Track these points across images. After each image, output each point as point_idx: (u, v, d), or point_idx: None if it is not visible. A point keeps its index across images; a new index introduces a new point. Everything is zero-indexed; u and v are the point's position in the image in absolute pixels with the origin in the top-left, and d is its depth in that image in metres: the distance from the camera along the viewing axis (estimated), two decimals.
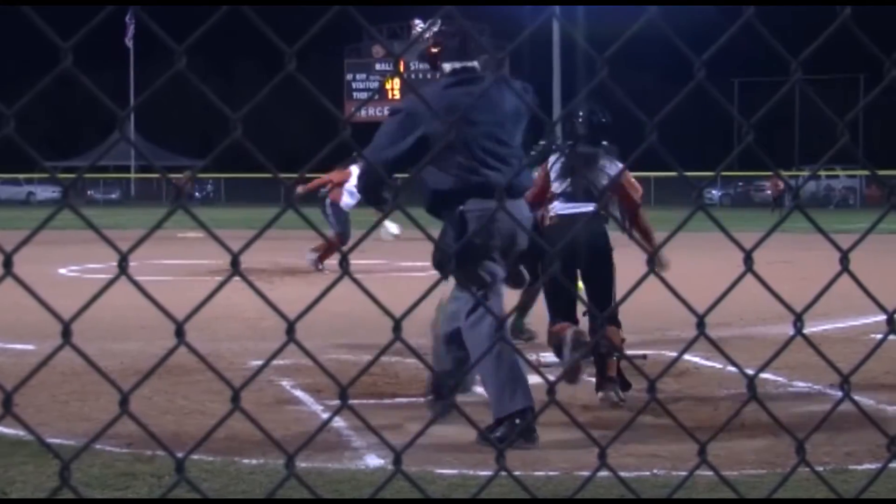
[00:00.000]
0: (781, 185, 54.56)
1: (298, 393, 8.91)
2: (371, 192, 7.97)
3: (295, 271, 20.07)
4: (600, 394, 8.63)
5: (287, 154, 57.33)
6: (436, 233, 7.48)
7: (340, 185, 20.82)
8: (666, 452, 6.93)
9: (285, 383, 9.18)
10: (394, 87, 71.64)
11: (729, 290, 2.21)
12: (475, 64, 8.01)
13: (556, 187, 9.48)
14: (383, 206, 7.98)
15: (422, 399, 8.28)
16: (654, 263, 2.18)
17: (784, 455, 6.76)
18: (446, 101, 7.69)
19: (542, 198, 9.60)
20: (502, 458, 1.99)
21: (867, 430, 6.88)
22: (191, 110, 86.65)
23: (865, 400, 8.37)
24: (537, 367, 9.09)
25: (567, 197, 9.40)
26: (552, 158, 9.69)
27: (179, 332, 1.91)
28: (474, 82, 7.90)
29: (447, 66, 8.05)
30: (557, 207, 9.42)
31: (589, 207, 9.28)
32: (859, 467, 6.62)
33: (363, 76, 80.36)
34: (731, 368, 2.76)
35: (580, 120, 9.64)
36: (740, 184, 73.42)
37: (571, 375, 8.40)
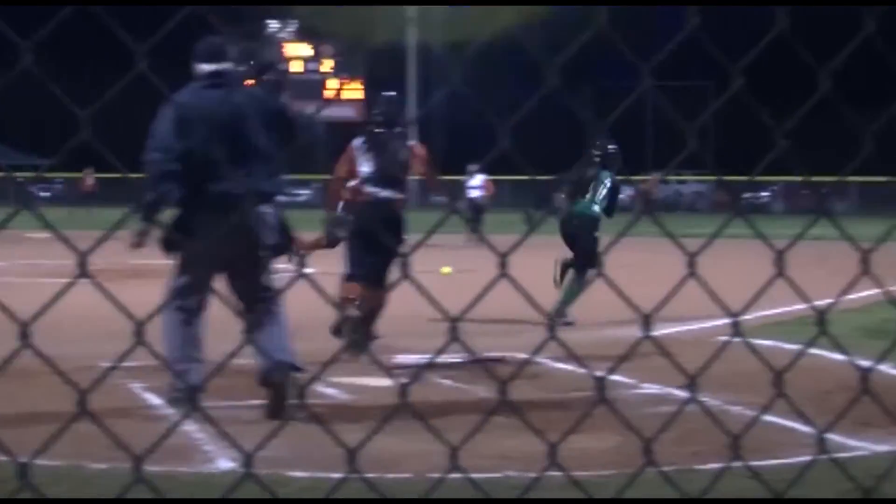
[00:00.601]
0: (653, 189, 54.85)
1: (149, 396, 8.78)
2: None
3: (145, 273, 19.77)
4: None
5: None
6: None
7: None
8: (518, 454, 6.98)
9: (136, 386, 9.04)
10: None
11: (579, 293, 2.24)
12: (228, 66, 8.21)
13: (363, 171, 11.12)
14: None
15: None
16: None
17: (633, 455, 6.86)
18: (193, 103, 7.92)
19: (350, 178, 11.25)
20: (354, 461, 1.99)
21: (713, 431, 7.02)
22: (39, 108, 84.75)
23: (712, 401, 8.54)
24: (389, 370, 9.11)
25: (372, 180, 11.07)
26: (357, 142, 11.27)
27: (24, 334, 1.87)
28: (224, 87, 8.10)
29: (201, 68, 8.18)
30: (371, 190, 11.08)
31: (392, 192, 11.10)
32: (705, 467, 6.74)
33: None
34: (584, 370, 2.79)
35: (379, 110, 11.49)
36: None
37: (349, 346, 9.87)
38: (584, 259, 13.26)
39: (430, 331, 12.86)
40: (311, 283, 2.08)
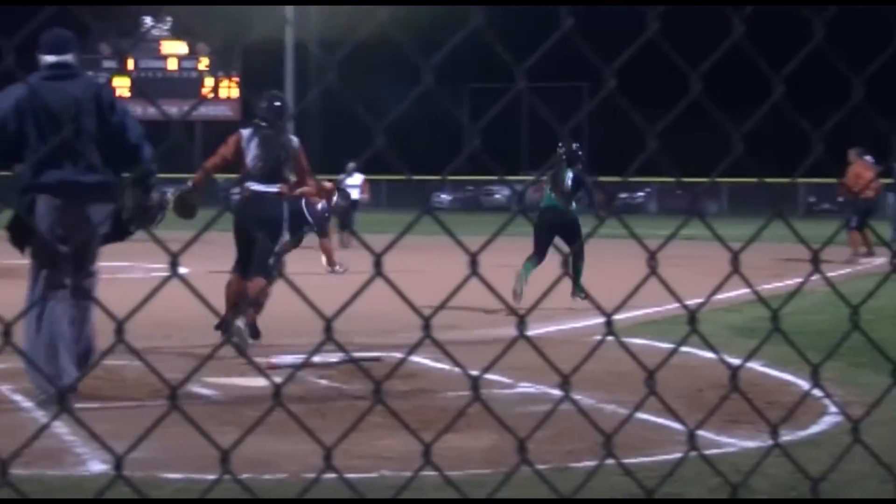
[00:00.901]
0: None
1: (18, 398, 8.61)
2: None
3: (10, 273, 19.37)
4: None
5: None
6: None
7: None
8: (394, 453, 6.99)
9: (5, 388, 8.86)
10: (122, 84, 70.12)
11: (454, 293, 2.24)
12: (70, 58, 8.36)
13: (251, 167, 11.48)
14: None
15: (150, 403, 8.14)
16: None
17: (509, 454, 6.91)
18: (32, 93, 8.05)
19: (234, 162, 11.60)
20: (227, 462, 1.97)
21: (588, 429, 7.09)
22: None
23: (587, 399, 8.63)
24: (263, 370, 9.04)
25: (254, 175, 11.47)
26: (246, 135, 11.61)
27: None
28: (67, 78, 8.25)
29: (45, 59, 8.32)
30: (251, 185, 11.49)
31: (272, 188, 11.50)
32: (579, 465, 6.81)
33: (91, 73, 78.40)
34: (460, 370, 2.79)
35: (264, 106, 11.79)
36: (470, 188, 74.70)
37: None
38: (578, 243, 14.88)
39: (308, 330, 12.82)
40: (182, 282, 2.05)
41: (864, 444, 2.80)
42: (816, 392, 8.02)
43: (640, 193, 73.82)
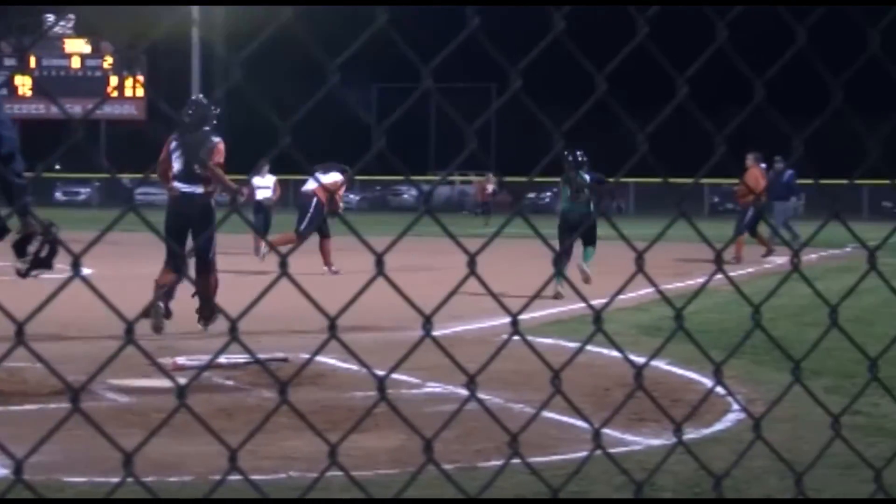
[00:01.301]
0: (490, 189, 54.70)
1: None
2: None
3: None
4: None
5: None
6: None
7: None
8: (301, 454, 6.96)
9: None
10: (24, 82, 69.16)
11: (360, 293, 2.24)
12: None
13: (176, 169, 12.60)
14: None
15: (52, 405, 8.04)
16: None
17: (416, 454, 6.91)
18: None
19: (167, 176, 12.70)
20: (130, 465, 1.94)
21: (496, 429, 7.12)
22: None
23: (495, 399, 8.66)
24: (168, 372, 8.95)
25: (182, 177, 12.59)
26: (172, 141, 12.69)
27: None
28: None
29: None
30: (177, 185, 12.60)
31: (197, 188, 12.50)
32: (487, 464, 6.83)
33: None
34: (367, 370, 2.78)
35: (190, 111, 12.94)
36: (378, 188, 74.67)
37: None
38: (592, 237, 18.00)
39: (216, 331, 12.74)
40: (86, 284, 2.02)
41: (766, 441, 2.84)
42: (720, 390, 8.12)
43: (548, 194, 74.18)
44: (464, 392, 2.21)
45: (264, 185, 27.92)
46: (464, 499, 2.57)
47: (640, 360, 2.83)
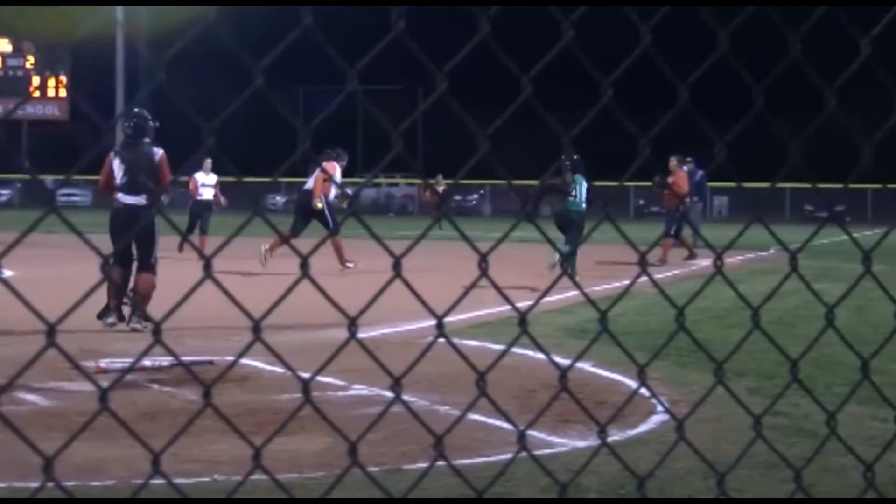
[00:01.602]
0: (440, 190, 54.54)
1: None
2: None
3: None
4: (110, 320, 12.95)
5: None
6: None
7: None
8: (227, 457, 6.92)
9: None
10: None
11: (286, 295, 2.23)
12: None
13: (119, 182, 13.19)
14: None
15: None
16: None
17: (342, 457, 6.89)
18: None
19: (110, 187, 13.28)
20: (50, 469, 1.92)
21: (422, 431, 7.13)
22: None
23: (421, 401, 8.67)
24: (90, 375, 8.90)
25: (125, 189, 13.21)
26: (113, 155, 13.31)
27: None
28: None
29: None
30: (120, 197, 13.25)
31: (138, 199, 13.19)
32: (413, 466, 6.83)
33: None
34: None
35: (128, 124, 13.65)
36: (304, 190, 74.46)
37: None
38: (578, 236, 20.14)
39: (141, 334, 12.65)
40: (6, 286, 2.00)
41: (688, 442, 2.86)
42: (644, 392, 8.18)
43: (474, 196, 74.37)
44: (390, 394, 2.21)
45: (209, 182, 27.36)
46: (387, 499, 2.57)
47: (566, 362, 2.84)
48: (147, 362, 9.71)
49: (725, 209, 69.21)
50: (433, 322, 2.42)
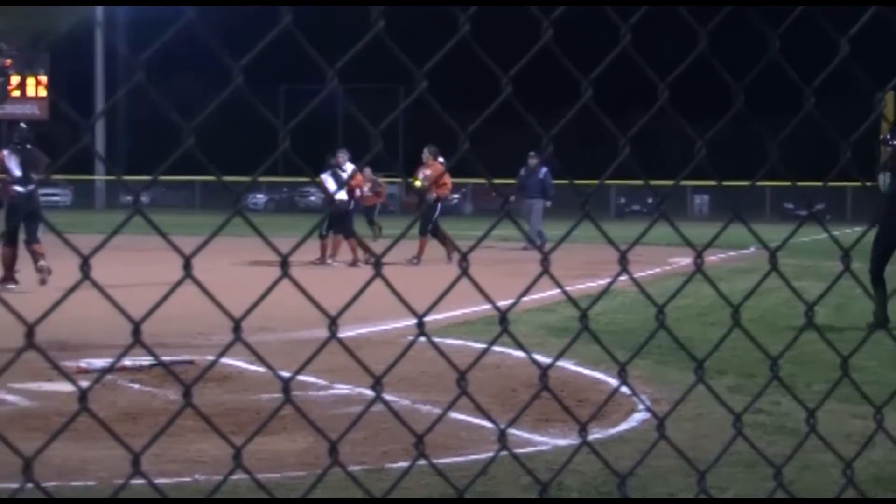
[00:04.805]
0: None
1: None
2: None
3: None
4: None
5: None
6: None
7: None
8: (208, 457, 6.91)
9: None
10: None
11: (266, 294, 2.22)
12: None
13: (13, 175, 17.24)
14: None
15: None
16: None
17: (323, 456, 6.89)
18: None
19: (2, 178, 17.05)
20: (29, 470, 1.92)
21: (403, 430, 7.12)
22: None
23: (402, 400, 8.67)
24: (70, 375, 8.88)
25: (20, 182, 17.28)
26: (6, 154, 17.57)
27: None
28: None
29: None
30: (16, 188, 17.28)
31: (29, 188, 17.39)
32: (394, 465, 6.83)
33: None
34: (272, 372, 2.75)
35: (16, 138, 17.86)
36: (285, 190, 74.32)
37: None
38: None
39: (122, 333, 12.59)
40: None
41: (669, 441, 2.87)
42: (625, 390, 8.19)
43: (456, 195, 74.30)
44: (371, 393, 2.21)
45: None
46: (368, 498, 2.57)
47: (547, 360, 2.84)
48: (128, 362, 9.69)
49: (706, 208, 69.37)
50: (413, 321, 2.42)
